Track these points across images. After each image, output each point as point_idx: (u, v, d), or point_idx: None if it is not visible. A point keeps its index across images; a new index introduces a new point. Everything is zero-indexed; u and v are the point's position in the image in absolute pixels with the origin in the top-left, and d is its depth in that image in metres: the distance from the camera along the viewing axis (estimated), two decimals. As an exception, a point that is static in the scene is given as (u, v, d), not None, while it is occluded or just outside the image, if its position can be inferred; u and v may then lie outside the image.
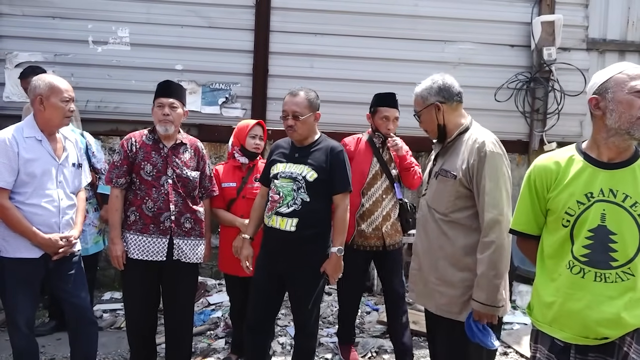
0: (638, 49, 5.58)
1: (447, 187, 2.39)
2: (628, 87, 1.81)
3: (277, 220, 2.89)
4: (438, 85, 2.46)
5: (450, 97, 2.45)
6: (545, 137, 5.34)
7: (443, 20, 5.29)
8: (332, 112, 5.01)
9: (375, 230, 3.48)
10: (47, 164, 2.80)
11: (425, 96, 2.49)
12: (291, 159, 2.97)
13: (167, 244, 3.00)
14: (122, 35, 5.06)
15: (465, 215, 2.36)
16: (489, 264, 2.25)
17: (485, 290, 2.26)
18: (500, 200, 2.27)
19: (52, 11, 4.99)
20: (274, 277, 2.96)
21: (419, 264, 2.54)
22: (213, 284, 4.92)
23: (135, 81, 5.04)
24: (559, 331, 1.92)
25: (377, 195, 3.50)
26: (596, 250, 1.86)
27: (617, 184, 1.85)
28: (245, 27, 5.14)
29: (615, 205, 1.84)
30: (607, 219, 1.85)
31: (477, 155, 2.30)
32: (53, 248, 2.78)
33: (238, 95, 5.19)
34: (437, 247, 2.42)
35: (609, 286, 1.84)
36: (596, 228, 1.86)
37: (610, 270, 1.83)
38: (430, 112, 2.47)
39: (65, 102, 2.82)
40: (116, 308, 4.46)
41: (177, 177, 3.03)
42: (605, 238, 1.85)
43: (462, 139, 2.42)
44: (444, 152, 2.49)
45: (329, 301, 4.71)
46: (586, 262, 1.87)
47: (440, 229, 2.41)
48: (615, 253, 1.83)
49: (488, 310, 2.26)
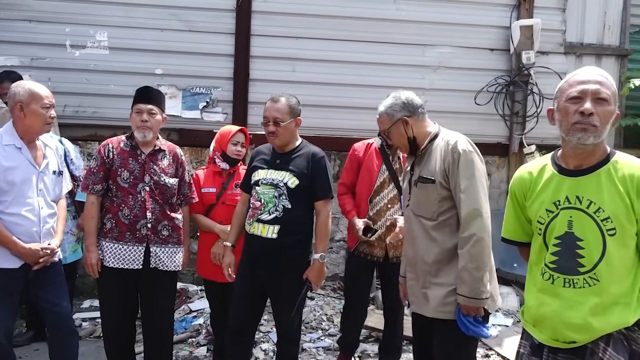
0: (614, 53, 5.68)
1: (429, 193, 2.44)
2: (565, 95, 1.89)
3: (258, 227, 2.87)
4: (402, 100, 2.56)
5: (415, 111, 2.55)
6: (525, 139, 5.39)
7: (423, 24, 5.32)
8: (314, 116, 5.01)
9: (378, 240, 3.36)
10: (27, 172, 2.76)
11: (391, 113, 2.57)
12: (272, 165, 2.95)
13: (144, 252, 2.97)
14: (101, 39, 5.00)
15: (450, 215, 2.41)
16: (469, 257, 2.30)
17: (467, 284, 2.30)
18: (476, 196, 2.34)
19: (28, 14, 4.91)
20: (256, 284, 2.94)
21: (414, 272, 2.55)
22: (195, 290, 4.87)
23: (114, 86, 4.98)
24: (538, 332, 1.99)
25: (381, 205, 3.38)
26: (563, 257, 1.90)
27: (583, 191, 1.87)
28: (226, 31, 5.11)
29: (580, 211, 1.87)
30: (574, 225, 1.88)
31: (451, 156, 2.38)
32: (33, 258, 2.74)
33: (219, 99, 5.16)
34: (427, 252, 2.45)
35: (577, 292, 1.87)
36: (563, 235, 1.90)
37: (578, 276, 1.86)
38: (398, 128, 2.55)
39: (46, 109, 2.78)
40: (95, 316, 4.38)
41: (155, 184, 2.99)
42: (573, 244, 1.88)
43: (434, 145, 2.50)
44: (419, 160, 2.55)
45: (312, 306, 4.69)
46: (555, 268, 1.92)
47: (429, 235, 2.45)
48: (582, 259, 1.86)
49: (472, 302, 2.30)
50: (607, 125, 1.84)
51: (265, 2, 5.15)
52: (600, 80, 1.84)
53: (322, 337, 4.18)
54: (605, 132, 1.84)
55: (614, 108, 1.84)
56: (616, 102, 1.85)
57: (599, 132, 1.82)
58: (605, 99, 1.82)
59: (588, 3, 5.64)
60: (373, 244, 3.36)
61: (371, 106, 3.29)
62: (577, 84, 1.86)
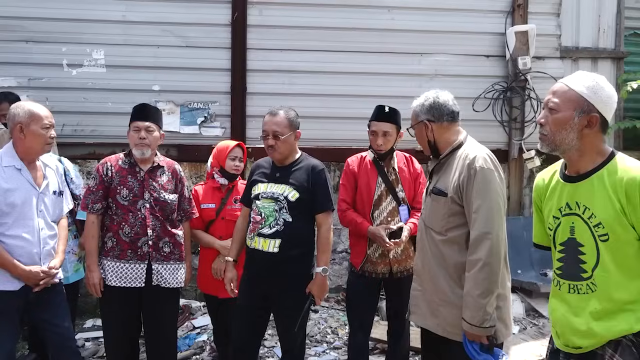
0: (610, 56, 5.69)
1: (440, 205, 2.36)
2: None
3: (259, 241, 2.85)
4: (429, 103, 2.44)
5: (440, 117, 2.42)
6: (524, 145, 5.39)
7: (418, 33, 5.33)
8: (312, 127, 5.00)
9: (382, 257, 3.19)
10: (28, 193, 2.76)
11: (417, 113, 2.48)
12: (272, 178, 2.94)
13: (146, 270, 2.95)
14: (97, 57, 5.01)
15: (460, 233, 2.31)
16: (474, 282, 2.19)
17: (470, 310, 2.20)
18: (489, 217, 2.21)
19: (24, 35, 4.92)
20: (259, 299, 2.92)
21: (420, 284, 2.49)
22: (197, 307, 4.83)
23: (112, 103, 4.98)
24: (556, 337, 2.00)
25: (381, 218, 3.21)
26: (567, 263, 1.91)
27: (579, 197, 1.88)
28: (222, 46, 5.12)
29: (579, 217, 1.87)
30: (575, 231, 1.88)
31: (467, 171, 2.27)
32: (34, 280, 2.73)
33: (217, 114, 5.16)
34: (435, 266, 2.38)
35: (581, 297, 1.87)
36: (566, 241, 1.91)
37: (582, 282, 1.87)
38: (420, 129, 2.48)
39: (46, 129, 2.79)
40: (98, 336, 4.34)
41: (155, 201, 2.98)
42: (575, 250, 1.88)
43: (455, 156, 2.39)
44: (438, 169, 2.47)
45: (316, 319, 4.66)
46: (560, 274, 1.93)
47: (437, 248, 2.37)
48: (584, 265, 1.86)
49: (474, 330, 2.20)
50: (563, 132, 1.85)
51: (261, 16, 5.17)
52: (554, 90, 1.89)
53: (327, 350, 4.14)
54: (560, 139, 1.86)
55: (566, 114, 1.84)
56: (579, 104, 1.83)
57: (549, 140, 1.88)
58: (552, 107, 1.87)
59: (582, 7, 5.66)
60: (376, 261, 3.20)
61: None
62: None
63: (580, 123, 1.84)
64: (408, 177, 3.30)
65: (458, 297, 2.30)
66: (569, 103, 1.85)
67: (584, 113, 1.84)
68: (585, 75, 1.89)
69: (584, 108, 1.83)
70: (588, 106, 1.83)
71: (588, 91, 1.84)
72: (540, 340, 4.32)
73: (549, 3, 5.56)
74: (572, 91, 1.86)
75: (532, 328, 4.57)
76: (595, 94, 1.84)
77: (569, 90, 1.86)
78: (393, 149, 3.27)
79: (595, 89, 1.84)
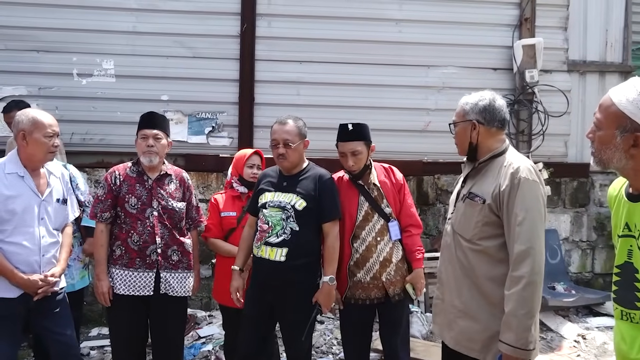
0: (617, 70, 5.69)
1: (474, 212, 2.23)
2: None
3: (266, 250, 2.85)
4: (484, 104, 2.31)
5: (492, 121, 2.30)
6: (532, 157, 5.36)
7: (426, 45, 5.37)
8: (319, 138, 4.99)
9: (374, 280, 2.96)
10: (29, 201, 2.74)
11: (467, 110, 2.34)
12: (279, 187, 2.94)
13: (154, 278, 2.94)
14: (107, 67, 5.06)
15: (493, 245, 2.18)
16: (519, 301, 2.04)
17: (514, 331, 2.04)
18: (532, 232, 2.08)
19: (36, 45, 4.98)
20: (265, 309, 2.90)
21: (442, 293, 2.39)
22: (203, 316, 4.82)
23: (121, 113, 5.02)
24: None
25: (369, 239, 2.99)
26: (622, 288, 1.71)
27: (635, 218, 1.66)
28: (231, 57, 5.17)
29: (635, 241, 1.65)
30: (633, 255, 1.66)
31: (510, 181, 2.14)
32: (32, 288, 2.71)
33: (224, 124, 5.18)
34: (461, 275, 2.26)
35: (634, 327, 1.65)
36: (623, 264, 1.70)
37: (635, 311, 1.64)
38: (465, 128, 2.34)
39: (49, 138, 2.77)
40: (104, 345, 4.33)
41: (163, 209, 2.98)
42: (631, 276, 1.66)
43: (495, 162, 2.27)
44: (475, 173, 2.33)
45: (322, 330, 4.63)
46: (615, 299, 1.73)
47: (466, 256, 2.24)
48: (639, 292, 1.63)
49: (518, 354, 2.03)
50: (608, 151, 1.64)
51: (270, 28, 5.21)
52: (600, 102, 1.68)
53: (332, 361, 4.11)
54: (607, 158, 1.66)
55: (608, 132, 1.63)
56: (620, 122, 1.60)
57: (597, 158, 1.69)
58: (596, 124, 1.69)
59: (589, 21, 5.68)
60: (368, 285, 2.98)
61: (376, 127, 3.31)
62: None
63: (625, 143, 1.60)
64: (391, 189, 3.09)
65: (479, 309, 2.20)
66: (610, 120, 1.62)
67: (627, 132, 1.59)
68: (632, 86, 1.61)
69: (627, 127, 1.59)
70: (631, 124, 1.58)
71: (632, 106, 1.58)
72: (548, 354, 4.28)
73: (557, 17, 5.59)
74: (614, 106, 1.62)
75: (540, 342, 4.52)
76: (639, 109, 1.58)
77: (612, 105, 1.62)
78: (369, 164, 3.07)
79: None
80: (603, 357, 4.22)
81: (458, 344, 2.26)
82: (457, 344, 2.26)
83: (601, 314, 5.09)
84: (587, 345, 4.44)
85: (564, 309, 5.05)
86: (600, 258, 5.82)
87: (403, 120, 5.29)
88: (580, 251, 5.79)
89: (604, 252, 5.80)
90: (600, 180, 5.70)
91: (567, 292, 5.20)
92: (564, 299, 5.04)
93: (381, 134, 3.66)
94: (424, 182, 5.42)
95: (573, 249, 5.78)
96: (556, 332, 4.73)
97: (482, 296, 2.20)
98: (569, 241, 5.76)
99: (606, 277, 5.74)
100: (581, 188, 5.75)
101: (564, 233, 5.72)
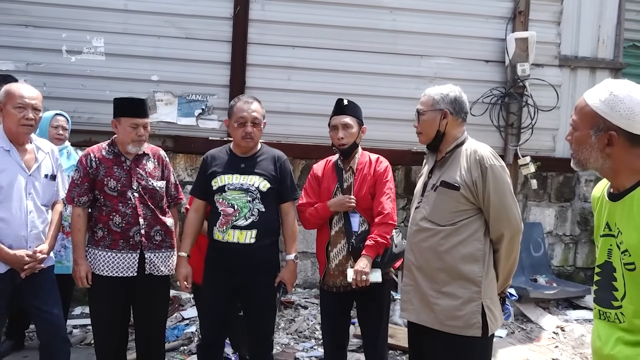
0: (608, 66, 5.73)
1: (448, 199, 2.37)
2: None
3: (234, 234, 2.82)
4: (454, 95, 2.49)
5: (460, 112, 2.49)
6: (520, 151, 5.41)
7: (420, 35, 5.36)
8: (310, 124, 5.04)
9: (339, 266, 2.92)
10: (15, 175, 2.72)
11: (437, 100, 2.48)
12: (237, 169, 2.90)
13: (138, 259, 2.91)
14: (97, 45, 5.00)
15: (466, 224, 2.36)
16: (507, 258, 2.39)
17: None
18: (511, 213, 2.33)
19: (25, 19, 4.90)
20: (229, 293, 2.92)
21: (413, 279, 2.47)
22: (187, 298, 4.83)
23: (110, 91, 4.94)
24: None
25: (339, 226, 2.95)
26: (601, 288, 1.71)
27: (616, 218, 1.67)
28: (223, 39, 5.12)
29: (614, 240, 1.67)
30: (612, 254, 1.67)
31: (479, 169, 2.33)
32: (19, 264, 2.69)
33: (215, 106, 5.16)
34: (435, 259, 2.38)
35: (610, 325, 1.67)
36: (603, 264, 1.71)
37: (611, 310, 1.66)
38: (435, 116, 2.46)
39: (19, 109, 2.70)
40: (86, 323, 4.32)
41: (143, 189, 2.93)
42: (610, 275, 1.67)
43: (460, 151, 2.44)
44: (441, 164, 2.48)
45: (306, 315, 4.67)
46: (595, 299, 1.75)
47: (439, 242, 2.38)
48: (616, 292, 1.64)
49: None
50: (584, 152, 1.66)
51: (263, 11, 5.17)
52: (576, 104, 1.70)
53: (314, 346, 4.15)
54: (584, 158, 1.68)
55: (583, 132, 1.65)
56: (594, 122, 1.62)
57: (575, 160, 1.71)
58: (573, 126, 1.70)
59: (583, 17, 5.70)
60: (334, 273, 2.93)
61: (367, 115, 3.29)
62: None
63: (600, 142, 1.62)
64: (368, 178, 2.96)
65: (457, 289, 2.33)
66: (585, 121, 1.65)
67: (601, 131, 1.61)
68: (604, 87, 1.64)
69: (601, 126, 1.61)
70: (605, 123, 1.60)
71: (603, 106, 1.61)
72: (527, 344, 4.35)
73: (550, 11, 5.60)
74: (588, 107, 1.64)
75: (520, 332, 4.60)
76: (612, 109, 1.59)
77: (586, 106, 1.65)
78: (356, 145, 3.02)
79: (612, 103, 1.59)
80: (580, 348, 4.30)
81: (441, 324, 2.35)
82: (441, 324, 2.35)
83: (581, 307, 5.17)
84: (566, 337, 4.52)
85: (544, 301, 5.12)
86: (582, 252, 5.91)
87: (394, 109, 5.28)
88: (563, 245, 5.87)
89: (586, 246, 5.89)
90: (586, 175, 5.76)
91: (548, 285, 5.28)
92: (545, 291, 5.12)
93: (371, 122, 3.65)
94: (412, 171, 5.44)
95: (556, 242, 5.86)
96: (536, 323, 4.80)
97: (457, 274, 2.35)
98: (552, 235, 5.83)
99: (587, 271, 5.84)
100: (567, 183, 5.81)
101: (548, 227, 5.79)
